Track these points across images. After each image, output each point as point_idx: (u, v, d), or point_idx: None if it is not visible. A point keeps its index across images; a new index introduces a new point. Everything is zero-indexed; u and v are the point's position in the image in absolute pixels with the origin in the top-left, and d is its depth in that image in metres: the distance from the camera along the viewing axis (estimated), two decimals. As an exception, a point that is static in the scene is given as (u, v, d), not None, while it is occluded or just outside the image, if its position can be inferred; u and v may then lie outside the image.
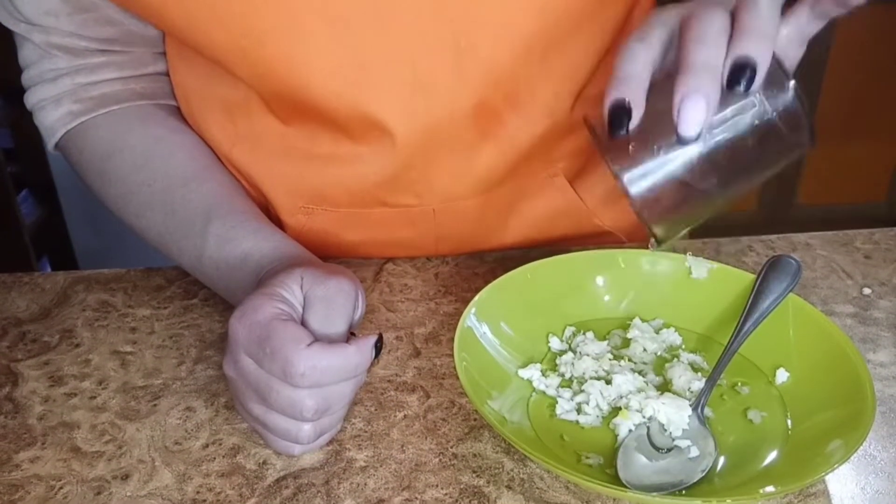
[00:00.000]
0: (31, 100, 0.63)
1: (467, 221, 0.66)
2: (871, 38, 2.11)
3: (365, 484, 0.46)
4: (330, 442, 0.48)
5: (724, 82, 0.43)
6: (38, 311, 0.62)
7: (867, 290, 0.62)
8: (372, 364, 0.47)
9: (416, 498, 0.45)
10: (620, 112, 0.45)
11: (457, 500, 0.44)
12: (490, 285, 0.54)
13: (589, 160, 0.68)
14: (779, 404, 0.49)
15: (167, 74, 0.65)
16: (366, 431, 0.49)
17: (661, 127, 0.45)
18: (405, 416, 0.51)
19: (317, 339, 0.45)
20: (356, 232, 0.67)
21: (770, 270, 0.55)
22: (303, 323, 0.46)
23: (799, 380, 0.50)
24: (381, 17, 0.53)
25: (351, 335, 0.48)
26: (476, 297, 0.53)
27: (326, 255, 0.67)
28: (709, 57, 0.43)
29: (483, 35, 0.55)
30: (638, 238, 0.73)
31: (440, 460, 0.47)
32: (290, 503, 0.45)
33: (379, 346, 0.46)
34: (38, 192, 2.07)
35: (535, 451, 0.42)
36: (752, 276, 0.55)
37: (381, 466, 0.47)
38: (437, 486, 0.45)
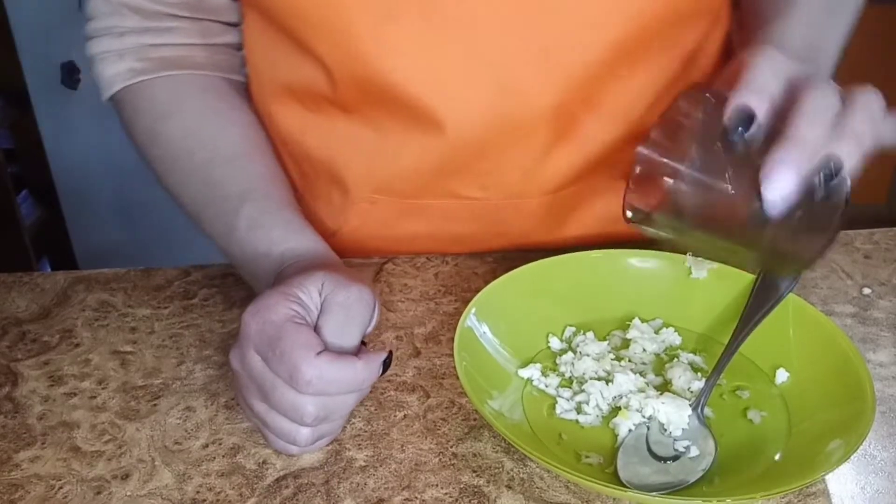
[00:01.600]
0: (93, 49, 0.63)
1: (529, 219, 0.66)
2: (872, 38, 2.11)
3: (365, 484, 0.46)
4: (330, 442, 0.48)
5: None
6: (38, 310, 0.62)
7: (867, 290, 0.62)
8: (381, 376, 0.47)
9: (416, 498, 0.45)
10: (744, 117, 0.43)
11: (457, 500, 0.44)
12: (490, 285, 0.54)
13: None
14: (779, 404, 0.49)
15: (235, 48, 0.65)
16: (366, 431, 0.49)
17: (703, 195, 0.44)
18: (405, 415, 0.51)
19: (327, 347, 0.45)
20: (416, 223, 0.67)
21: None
22: (316, 328, 0.46)
23: (799, 380, 0.50)
24: (475, 14, 0.54)
25: (362, 344, 0.48)
26: (476, 297, 0.53)
27: (378, 249, 0.68)
28: (816, 139, 0.42)
29: (569, 40, 0.56)
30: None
31: (440, 460, 0.47)
32: (290, 503, 0.45)
33: (388, 363, 0.46)
34: (38, 193, 2.07)
35: (535, 450, 0.42)
36: (752, 277, 0.55)
37: (381, 466, 0.47)
38: (437, 485, 0.45)
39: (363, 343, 0.48)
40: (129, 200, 2.03)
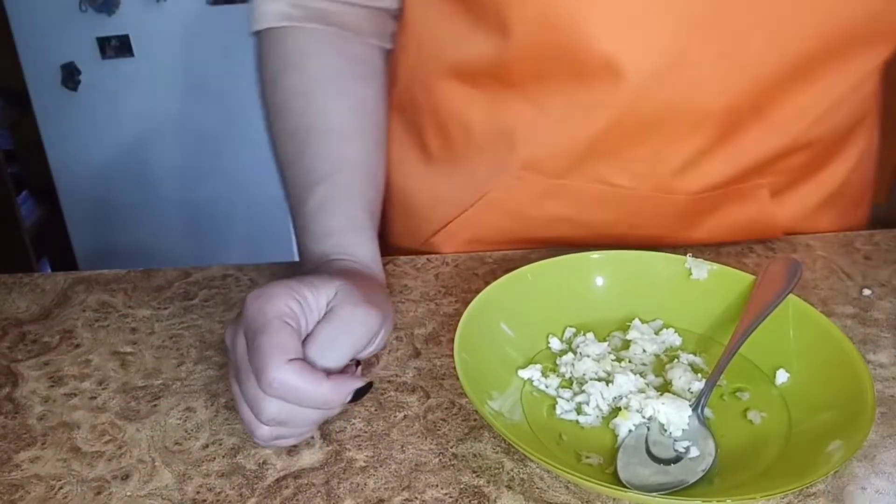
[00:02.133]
0: None
1: (669, 216, 0.67)
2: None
3: (365, 484, 0.46)
4: (330, 442, 0.48)
5: None
6: (39, 311, 0.62)
7: (867, 291, 0.62)
8: (350, 403, 0.46)
9: (416, 498, 0.45)
10: None
11: (457, 500, 0.44)
12: (490, 286, 0.54)
13: (796, 179, 0.69)
14: (779, 405, 0.49)
15: (390, 15, 0.66)
16: (366, 432, 0.49)
17: None
18: (405, 416, 0.51)
19: (309, 356, 0.45)
20: (556, 206, 0.67)
21: (770, 271, 0.55)
22: (309, 334, 0.46)
23: (799, 381, 0.50)
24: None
25: (356, 365, 0.48)
26: (476, 298, 0.53)
27: (512, 231, 0.69)
28: None
29: (753, 44, 0.56)
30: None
31: (440, 460, 0.47)
32: (290, 503, 0.45)
33: (361, 392, 0.46)
34: (38, 193, 2.07)
35: (535, 450, 0.42)
36: (753, 278, 0.55)
37: (381, 466, 0.47)
38: (437, 486, 0.45)
39: (356, 363, 0.48)
40: (129, 201, 2.03)
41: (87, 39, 1.86)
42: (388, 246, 0.77)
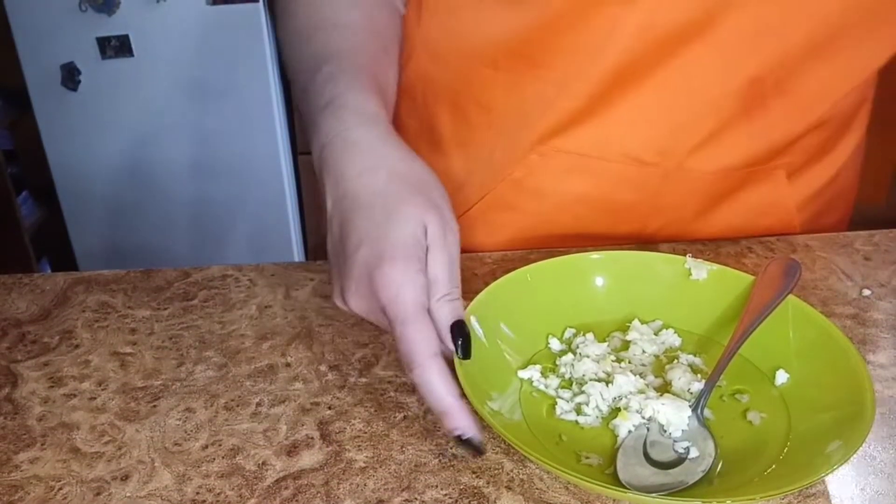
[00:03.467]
0: None
1: (690, 194, 0.67)
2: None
3: (365, 484, 0.46)
4: (329, 443, 0.49)
5: None
6: (38, 312, 0.62)
7: (867, 292, 0.62)
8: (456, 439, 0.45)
9: (416, 498, 0.45)
10: None
11: (456, 501, 0.44)
12: (490, 286, 0.54)
13: (809, 160, 0.69)
14: (779, 406, 0.49)
15: None
16: (365, 432, 0.49)
17: None
18: (405, 416, 0.51)
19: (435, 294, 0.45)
20: (579, 183, 0.67)
21: (769, 272, 0.55)
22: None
23: (799, 381, 0.50)
24: None
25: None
26: (476, 298, 0.53)
27: (538, 212, 0.69)
28: None
29: (776, 16, 0.56)
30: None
31: (440, 461, 0.47)
32: (289, 504, 0.45)
33: (467, 443, 0.45)
34: (38, 194, 2.07)
35: (534, 450, 0.42)
36: (752, 278, 0.55)
37: (380, 467, 0.47)
38: (436, 486, 0.45)
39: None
40: (128, 201, 2.03)
41: (87, 39, 1.85)
42: None
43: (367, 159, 0.48)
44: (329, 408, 0.51)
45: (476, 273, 0.65)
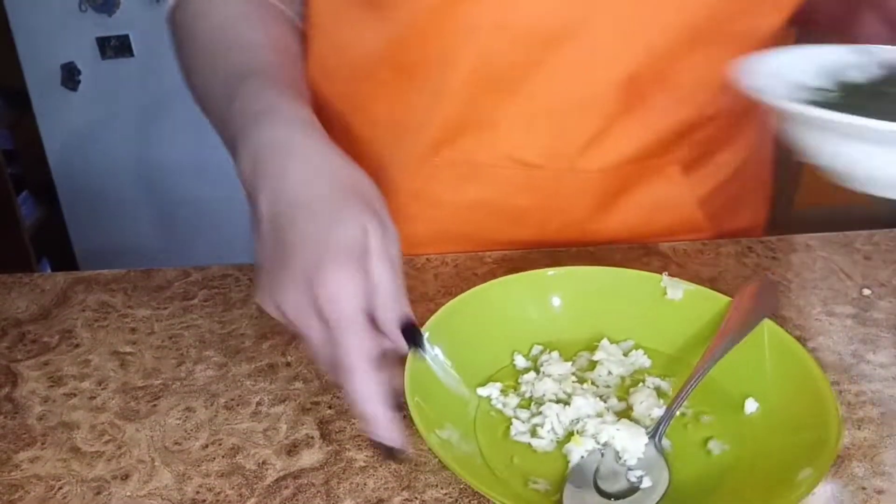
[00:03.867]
0: None
1: (585, 194, 0.67)
2: (871, 39, 2.10)
3: (365, 484, 0.46)
4: (329, 442, 0.48)
5: None
6: (38, 311, 0.62)
7: (867, 291, 0.62)
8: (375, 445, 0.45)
9: (416, 498, 0.45)
10: None
11: (456, 500, 0.44)
12: (456, 299, 0.53)
13: (704, 153, 0.69)
14: (743, 436, 0.47)
15: None
16: (365, 432, 0.49)
17: None
18: (405, 416, 0.50)
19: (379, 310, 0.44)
20: (472, 191, 0.67)
21: (746, 294, 0.53)
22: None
23: (767, 411, 0.48)
24: None
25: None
26: (441, 309, 0.52)
27: (440, 218, 0.69)
28: None
29: (648, 14, 0.57)
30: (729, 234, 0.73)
31: (440, 461, 0.47)
32: (289, 503, 0.45)
33: (390, 451, 0.44)
34: (38, 193, 2.07)
35: (481, 473, 0.41)
36: (728, 300, 0.53)
37: (380, 466, 0.47)
38: (436, 485, 0.45)
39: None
40: (129, 201, 2.03)
41: (86, 39, 1.86)
42: None
43: (308, 166, 0.48)
44: (329, 407, 0.51)
45: (476, 273, 0.65)
